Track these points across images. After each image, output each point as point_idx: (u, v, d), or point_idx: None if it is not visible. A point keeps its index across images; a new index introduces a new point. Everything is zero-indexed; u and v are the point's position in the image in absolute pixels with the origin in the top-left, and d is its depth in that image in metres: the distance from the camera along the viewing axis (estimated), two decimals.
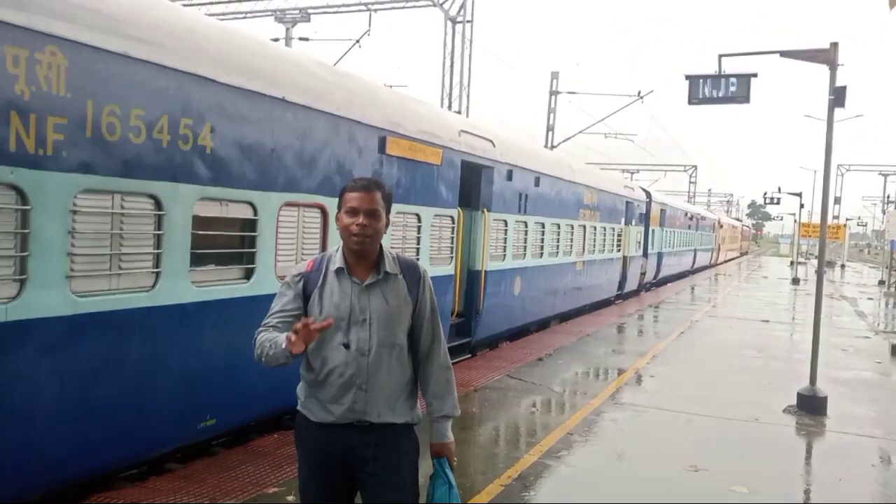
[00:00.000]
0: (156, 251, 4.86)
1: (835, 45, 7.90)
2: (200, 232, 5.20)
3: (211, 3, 23.73)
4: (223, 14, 23.18)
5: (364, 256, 2.83)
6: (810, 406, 7.98)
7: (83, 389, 4.44)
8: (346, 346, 2.76)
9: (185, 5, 20.21)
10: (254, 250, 5.72)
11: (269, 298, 5.83)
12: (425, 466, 2.94)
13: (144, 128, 4.67)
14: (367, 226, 2.75)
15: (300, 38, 22.43)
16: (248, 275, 5.71)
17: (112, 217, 4.59)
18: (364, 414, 2.76)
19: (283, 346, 2.58)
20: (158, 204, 4.84)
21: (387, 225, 2.88)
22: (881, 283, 33.00)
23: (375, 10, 21.97)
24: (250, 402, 5.89)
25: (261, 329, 2.86)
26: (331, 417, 2.79)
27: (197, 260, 5.20)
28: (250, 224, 5.71)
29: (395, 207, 7.68)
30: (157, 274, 4.87)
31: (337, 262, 2.84)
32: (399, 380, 2.85)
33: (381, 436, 2.79)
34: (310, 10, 22.88)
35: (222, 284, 5.50)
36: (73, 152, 4.22)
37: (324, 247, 6.56)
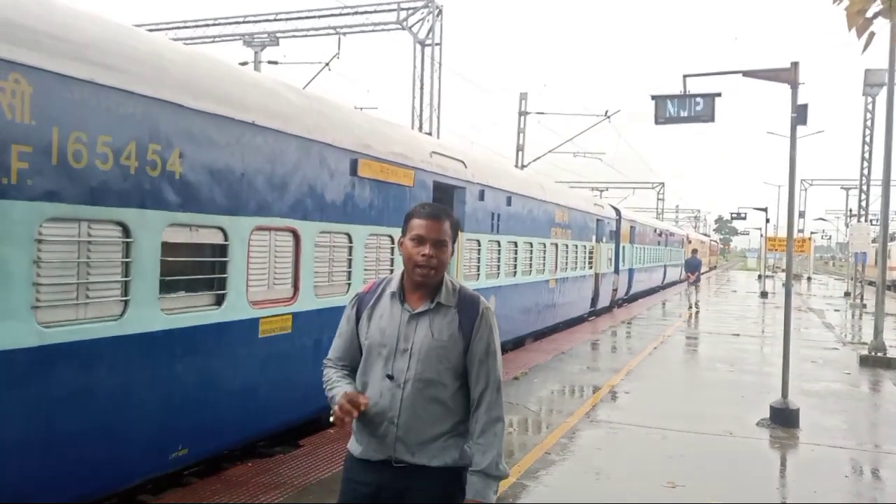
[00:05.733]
0: (124, 279, 4.78)
1: (795, 64, 8.10)
2: (170, 258, 5.13)
3: (178, 28, 23.70)
4: (191, 39, 23.14)
5: (423, 285, 2.67)
6: (783, 419, 8.07)
7: (50, 422, 4.32)
8: (390, 377, 2.60)
9: (151, 30, 20.13)
10: (224, 276, 5.65)
11: (241, 324, 5.85)
12: None
13: (111, 154, 4.60)
14: (432, 257, 2.61)
15: (269, 62, 22.44)
16: (220, 301, 5.63)
17: (79, 245, 4.50)
18: (394, 451, 2.59)
19: (333, 409, 2.56)
20: (126, 231, 4.76)
21: (451, 254, 2.72)
22: (847, 294, 33.64)
23: (344, 34, 22.10)
24: (223, 430, 5.79)
25: (326, 360, 2.82)
26: (364, 451, 2.65)
27: (166, 287, 5.12)
28: (221, 249, 5.64)
29: (368, 229, 7.67)
30: (126, 302, 4.78)
31: (394, 285, 2.72)
32: (438, 420, 2.62)
33: (414, 479, 2.59)
34: (278, 34, 22.94)
35: (192, 311, 5.41)
36: (37, 180, 4.14)
37: (296, 271, 6.50)
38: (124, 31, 5.13)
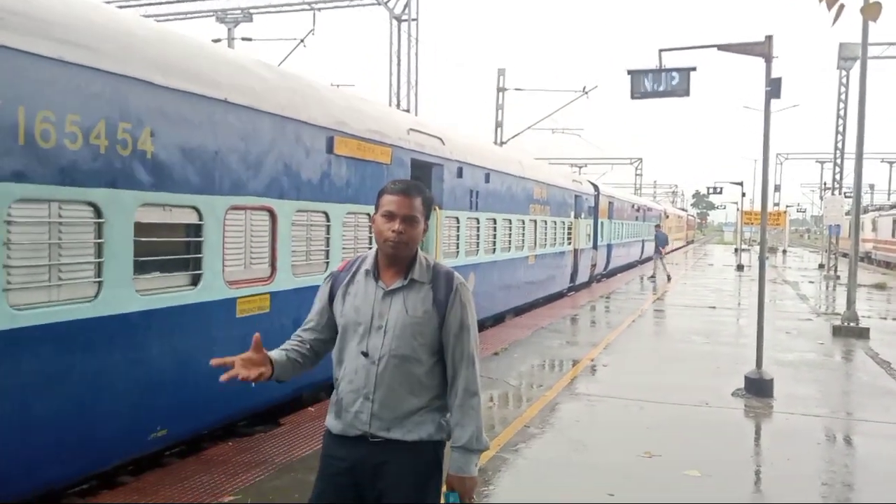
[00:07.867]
0: (97, 260, 4.72)
1: (769, 38, 8.14)
2: (143, 239, 5.07)
3: (149, 5, 23.17)
4: (162, 15, 22.65)
5: (396, 262, 2.68)
6: (757, 389, 8.22)
7: (25, 405, 4.28)
8: (365, 353, 2.62)
9: (121, 7, 19.69)
10: (200, 256, 5.61)
11: (218, 304, 5.82)
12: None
13: (81, 134, 4.52)
14: (402, 232, 2.61)
15: (243, 39, 22.09)
16: (195, 281, 5.59)
17: (50, 226, 4.44)
18: (368, 426, 2.60)
19: None
20: (98, 211, 4.70)
21: (425, 231, 2.72)
22: (821, 266, 34.15)
23: (319, 9, 21.76)
24: (202, 410, 5.78)
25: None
26: (340, 426, 2.67)
27: (141, 267, 5.07)
28: (195, 229, 5.59)
29: (346, 207, 7.64)
30: (100, 283, 4.74)
31: (368, 263, 2.72)
32: (413, 396, 2.63)
33: (389, 453, 2.61)
34: (252, 10, 22.53)
35: (168, 292, 5.37)
36: (5, 161, 4.06)
37: (273, 250, 6.46)
38: (93, 8, 5.02)
